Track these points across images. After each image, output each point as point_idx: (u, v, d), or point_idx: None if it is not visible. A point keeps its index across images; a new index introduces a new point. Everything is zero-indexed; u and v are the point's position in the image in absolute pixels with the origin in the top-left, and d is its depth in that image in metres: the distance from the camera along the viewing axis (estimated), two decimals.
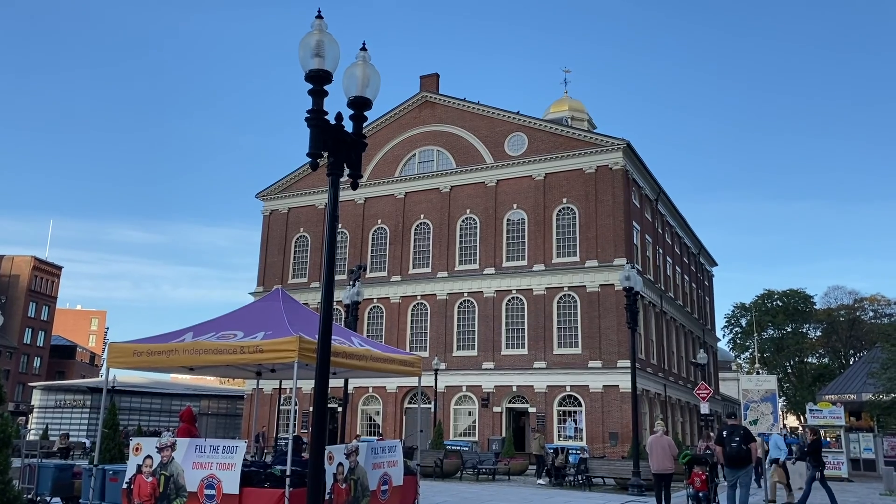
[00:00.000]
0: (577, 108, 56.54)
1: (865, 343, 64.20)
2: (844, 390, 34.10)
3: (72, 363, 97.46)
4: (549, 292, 40.68)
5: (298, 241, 50.36)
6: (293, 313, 12.03)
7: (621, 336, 37.69)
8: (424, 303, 44.40)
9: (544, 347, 40.07)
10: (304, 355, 10.23)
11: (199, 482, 10.00)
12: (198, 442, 10.39)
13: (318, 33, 7.01)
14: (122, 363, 11.75)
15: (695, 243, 59.84)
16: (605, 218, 40.02)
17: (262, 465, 10.90)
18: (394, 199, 47.13)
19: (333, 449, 10.49)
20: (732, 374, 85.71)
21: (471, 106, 45.93)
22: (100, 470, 11.77)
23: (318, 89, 7.04)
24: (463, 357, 42.26)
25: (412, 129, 47.75)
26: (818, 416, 29.98)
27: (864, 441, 31.84)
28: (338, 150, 7.07)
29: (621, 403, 37.22)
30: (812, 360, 74.84)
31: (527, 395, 40.33)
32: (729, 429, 13.50)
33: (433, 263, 44.66)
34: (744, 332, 77.21)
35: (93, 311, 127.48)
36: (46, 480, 13.26)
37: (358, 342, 12.58)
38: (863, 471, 31.14)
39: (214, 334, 11.32)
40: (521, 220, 42.76)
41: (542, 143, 43.03)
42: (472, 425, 41.43)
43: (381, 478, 11.74)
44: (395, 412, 43.56)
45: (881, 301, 69.19)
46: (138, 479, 10.47)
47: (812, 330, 75.09)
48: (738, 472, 13.32)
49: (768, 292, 76.23)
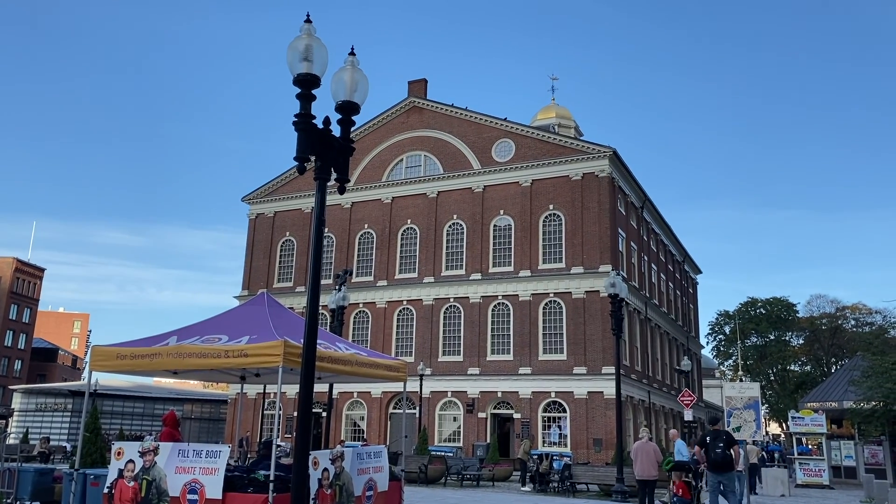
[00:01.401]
0: (564, 116, 56.78)
1: (847, 351, 64.74)
2: (826, 398, 34.37)
3: (53, 366, 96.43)
4: (534, 298, 40.76)
5: (284, 244, 50.16)
6: (278, 317, 11.98)
7: (606, 342, 37.81)
8: (410, 308, 44.35)
9: (530, 353, 40.12)
10: (289, 360, 10.19)
11: (181, 487, 9.92)
12: (181, 446, 10.31)
13: (307, 37, 7.01)
14: (104, 366, 11.64)
15: (679, 251, 60.20)
16: (591, 225, 40.17)
17: (246, 470, 10.83)
18: (381, 204, 47.08)
19: (318, 454, 10.45)
20: (716, 381, 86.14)
21: (458, 112, 46.01)
22: (81, 474, 11.64)
23: (305, 93, 7.04)
24: (448, 362, 42.22)
25: (400, 134, 47.75)
26: (800, 424, 30.19)
27: (846, 449, 32.11)
28: (325, 154, 7.06)
29: (606, 410, 37.31)
30: (794, 368, 75.37)
31: (512, 401, 40.35)
32: (712, 434, 13.57)
33: (420, 268, 44.63)
34: (727, 339, 77.64)
35: (75, 314, 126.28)
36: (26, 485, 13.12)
37: (343, 347, 12.54)
38: (844, 478, 31.39)
39: (199, 338, 11.25)
40: (507, 226, 42.84)
41: (529, 149, 43.17)
42: (457, 431, 41.38)
43: (365, 483, 11.70)
44: (380, 417, 43.43)
45: (862, 310, 69.82)
46: (120, 483, 10.37)
47: (795, 338, 75.63)
48: (722, 477, 13.39)
49: (752, 300, 76.71)
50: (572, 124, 56.65)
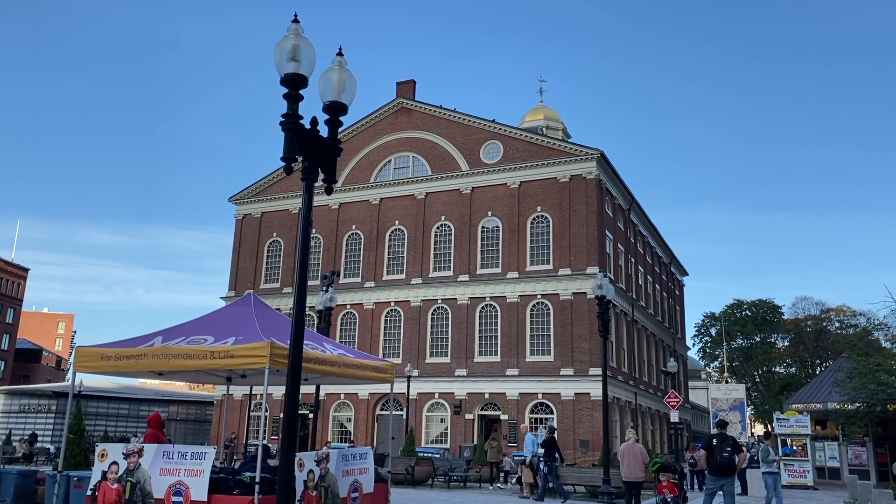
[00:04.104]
0: (552, 118, 56.94)
1: (831, 353, 65.28)
2: (811, 399, 34.60)
3: (37, 367, 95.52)
4: (522, 300, 40.82)
5: (271, 245, 49.97)
6: (265, 318, 11.93)
7: (593, 344, 37.93)
8: (398, 309, 44.30)
9: (517, 355, 40.17)
10: (276, 361, 10.15)
11: (166, 489, 9.85)
12: (165, 448, 10.23)
13: (295, 37, 6.98)
14: (89, 367, 11.55)
15: (666, 253, 60.49)
16: (579, 227, 40.29)
17: (232, 472, 10.77)
18: (368, 205, 47.00)
19: (304, 456, 10.41)
20: (702, 382, 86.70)
21: (447, 113, 46.02)
22: (64, 476, 11.55)
23: (293, 93, 7.01)
24: (436, 364, 42.20)
25: (388, 135, 47.69)
26: (785, 425, 30.38)
27: (830, 449, 32.30)
28: (312, 154, 7.03)
29: (592, 411, 37.42)
30: (779, 370, 75.92)
31: (499, 403, 40.38)
32: (719, 437, 13.54)
33: (407, 270, 44.59)
34: (713, 341, 78.09)
35: (60, 315, 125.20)
36: (9, 487, 13.00)
37: (330, 348, 12.50)
38: (828, 479, 31.59)
39: (184, 339, 11.18)
40: (495, 227, 42.89)
41: (517, 151, 43.24)
42: (444, 432, 41.36)
43: (351, 485, 11.66)
44: (367, 419, 43.33)
45: (847, 312, 70.46)
46: (103, 485, 10.28)
47: (780, 340, 76.21)
48: (723, 481, 13.40)
49: (737, 302, 77.24)
50: (560, 126, 56.82)
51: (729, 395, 36.80)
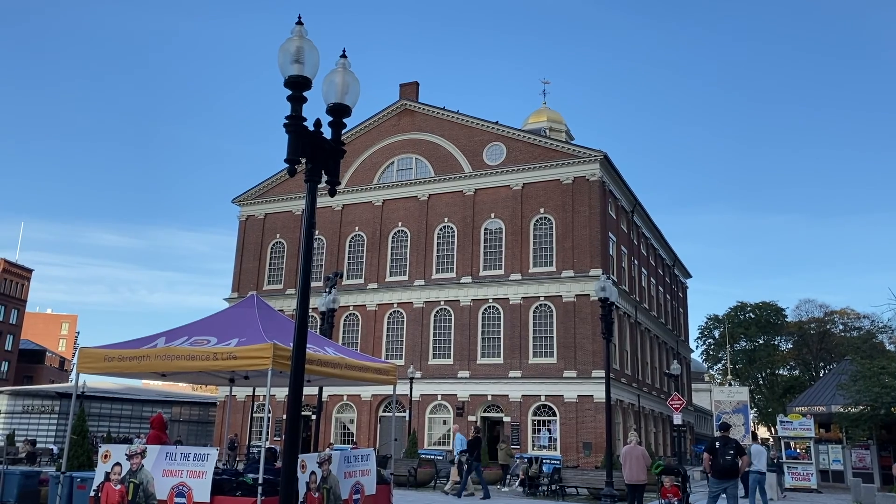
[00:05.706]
0: (556, 120, 56.91)
1: (835, 356, 65.11)
2: (814, 402, 34.52)
3: (40, 368, 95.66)
4: (525, 302, 40.78)
5: (275, 247, 50.01)
6: (268, 320, 11.94)
7: (596, 346, 37.88)
8: (401, 311, 44.29)
9: (520, 357, 40.13)
10: (279, 363, 10.16)
11: (169, 490, 9.86)
12: (168, 449, 10.24)
13: (298, 39, 6.99)
14: (92, 368, 11.56)
15: (669, 255, 60.40)
16: (582, 229, 40.25)
17: (234, 473, 10.78)
18: (371, 207, 47.03)
19: (306, 457, 10.41)
20: (705, 385, 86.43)
21: (450, 115, 46.02)
22: (67, 477, 11.56)
23: (296, 95, 7.02)
24: (438, 365, 42.18)
25: (391, 137, 47.72)
26: (789, 428, 30.32)
27: (833, 453, 32.25)
28: (316, 156, 7.04)
29: (595, 413, 37.35)
30: (783, 372, 75.73)
31: (502, 405, 40.34)
32: (722, 440, 13.52)
33: (410, 271, 44.59)
34: (717, 343, 77.93)
35: (63, 315, 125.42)
36: (12, 487, 13.01)
37: (332, 350, 12.50)
38: (832, 482, 31.53)
39: (187, 340, 11.19)
40: (498, 229, 42.87)
41: (520, 153, 43.22)
42: (446, 434, 41.32)
43: (353, 487, 11.66)
44: (370, 420, 43.32)
45: (851, 314, 70.28)
46: (106, 486, 10.29)
47: (783, 342, 76.02)
48: (726, 484, 13.38)
49: (741, 304, 77.06)
50: (563, 128, 56.80)
51: (732, 397, 36.69)
